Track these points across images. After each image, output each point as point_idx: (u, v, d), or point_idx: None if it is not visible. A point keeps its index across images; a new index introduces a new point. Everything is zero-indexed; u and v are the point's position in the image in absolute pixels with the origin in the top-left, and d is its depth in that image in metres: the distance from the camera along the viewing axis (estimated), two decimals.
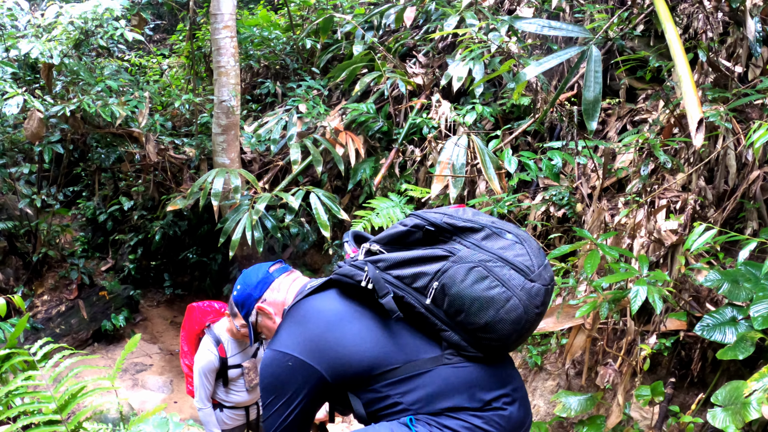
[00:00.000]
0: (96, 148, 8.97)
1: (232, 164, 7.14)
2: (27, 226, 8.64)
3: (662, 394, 4.04)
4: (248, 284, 2.61)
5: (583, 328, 4.38)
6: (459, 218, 2.24)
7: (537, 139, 6.80)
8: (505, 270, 2.11)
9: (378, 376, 2.19)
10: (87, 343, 8.35)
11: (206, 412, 4.34)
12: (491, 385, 2.20)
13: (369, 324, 2.24)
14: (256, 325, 2.62)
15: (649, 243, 4.81)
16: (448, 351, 2.19)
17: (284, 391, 2.25)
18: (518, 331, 2.12)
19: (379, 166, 7.14)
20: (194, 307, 4.47)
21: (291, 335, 2.30)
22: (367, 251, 2.32)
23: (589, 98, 3.53)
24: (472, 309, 2.10)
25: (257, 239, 6.26)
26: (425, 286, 2.17)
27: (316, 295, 2.38)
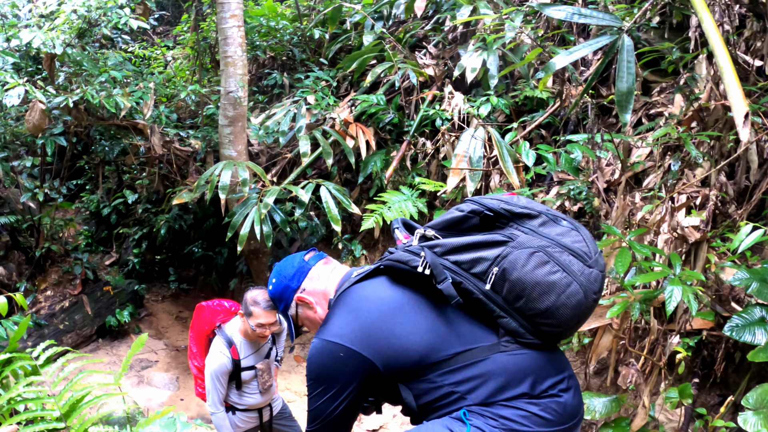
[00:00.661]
0: (100, 140, 8.81)
1: (239, 156, 6.97)
2: (30, 220, 8.49)
3: (690, 397, 3.89)
4: (284, 276, 2.52)
5: (609, 328, 4.23)
6: (516, 204, 2.22)
7: (551, 132, 6.67)
8: (565, 255, 2.10)
9: (432, 366, 2.15)
10: (91, 339, 8.21)
11: (219, 416, 4.18)
12: (548, 372, 2.16)
13: (423, 312, 2.20)
14: (297, 318, 2.53)
15: (673, 239, 4.66)
16: (505, 338, 2.17)
17: (333, 383, 2.20)
18: (577, 316, 2.12)
19: (390, 158, 6.98)
20: (204, 306, 4.31)
21: (342, 324, 2.23)
22: (422, 236, 2.28)
23: (623, 89, 3.39)
24: (533, 294, 2.08)
25: (266, 234, 6.10)
26: (484, 272, 2.14)
27: (367, 282, 2.32)
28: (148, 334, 4.96)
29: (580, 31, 6.90)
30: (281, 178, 7.58)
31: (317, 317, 2.47)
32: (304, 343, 7.44)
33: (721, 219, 4.86)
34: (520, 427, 2.11)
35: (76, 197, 10.25)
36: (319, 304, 2.47)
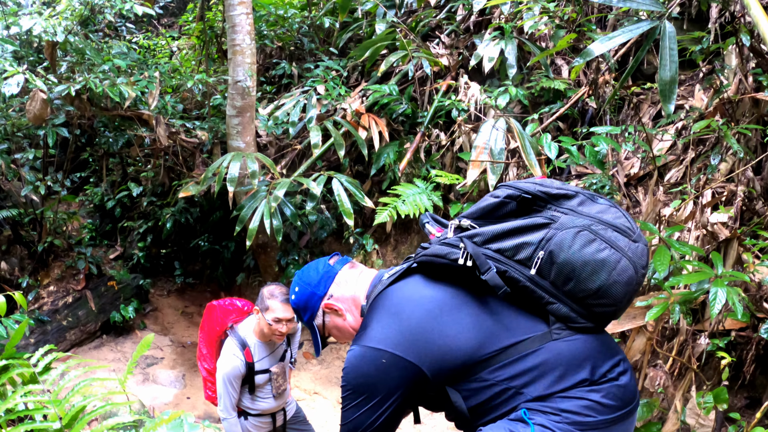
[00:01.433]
0: (103, 131, 8.63)
1: (247, 148, 6.77)
2: (32, 214, 8.34)
3: (726, 402, 3.70)
4: (308, 283, 2.37)
5: (643, 330, 4.03)
6: (551, 186, 2.15)
7: (569, 124, 6.49)
8: (609, 232, 2.04)
9: (482, 363, 2.04)
10: (95, 336, 8.05)
11: (231, 422, 3.98)
12: (604, 356, 2.08)
13: (467, 307, 2.10)
14: (323, 328, 2.37)
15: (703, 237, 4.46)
16: (556, 325, 2.08)
17: (376, 392, 2.06)
18: (629, 293, 2.05)
19: (404, 150, 6.79)
20: (215, 306, 4.10)
21: (384, 329, 2.10)
22: (457, 227, 2.19)
23: (666, 78, 3.18)
24: (583, 275, 2.01)
25: (276, 227, 5.90)
26: (529, 257, 2.06)
27: (402, 283, 2.19)
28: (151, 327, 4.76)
29: (597, 21, 6.73)
30: (291, 170, 7.39)
31: (347, 325, 2.34)
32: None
33: (748, 216, 4.68)
34: (584, 419, 1.99)
35: (79, 190, 10.12)
36: (348, 311, 2.33)
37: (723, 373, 3.85)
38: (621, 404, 2.05)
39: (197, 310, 8.57)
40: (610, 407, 2.02)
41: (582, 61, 3.27)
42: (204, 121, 8.13)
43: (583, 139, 5.75)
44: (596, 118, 6.25)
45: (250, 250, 7.44)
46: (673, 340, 4.39)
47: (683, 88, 6.01)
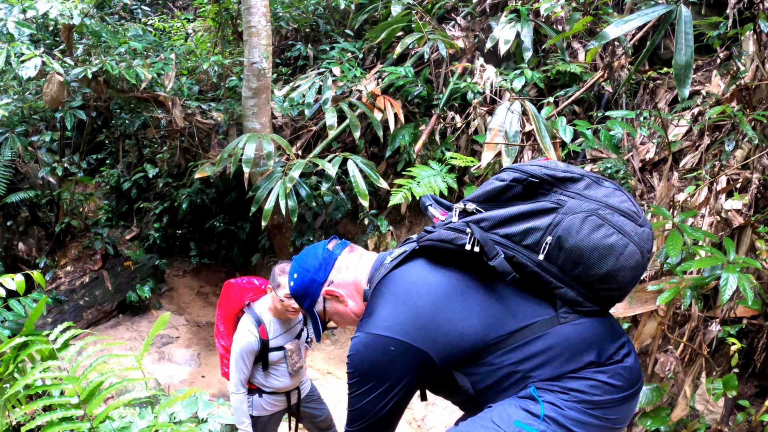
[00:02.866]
0: (120, 113, 8.67)
1: (263, 129, 6.79)
2: (49, 195, 8.40)
3: (735, 389, 3.68)
4: (307, 269, 2.33)
5: (654, 315, 4.02)
6: (557, 169, 2.12)
7: (584, 108, 6.46)
8: (616, 216, 2.02)
9: (491, 347, 2.04)
10: (112, 315, 8.13)
11: (239, 398, 4.01)
12: (610, 338, 2.09)
13: (474, 293, 2.08)
14: (324, 314, 2.34)
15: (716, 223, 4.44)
16: (563, 310, 2.07)
17: (383, 380, 2.05)
18: (636, 277, 2.04)
19: (419, 132, 6.78)
20: (232, 284, 4.13)
21: (391, 315, 2.07)
22: (462, 211, 2.16)
23: (681, 62, 3.17)
24: (591, 260, 2.00)
25: (291, 208, 5.92)
26: (537, 242, 2.04)
27: (407, 267, 2.16)
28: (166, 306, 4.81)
29: (614, 4, 6.69)
30: (306, 151, 7.40)
31: (349, 311, 2.32)
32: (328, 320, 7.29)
33: (762, 203, 4.65)
34: (592, 398, 2.02)
35: (96, 172, 10.18)
36: (350, 296, 2.30)
37: (732, 359, 3.84)
38: (627, 384, 2.07)
39: (212, 290, 8.64)
40: (617, 387, 2.05)
41: (597, 44, 3.26)
42: (220, 103, 8.16)
43: (599, 123, 5.74)
44: (612, 103, 6.22)
45: (265, 231, 7.48)
46: (684, 326, 4.38)
47: (700, 74, 5.97)
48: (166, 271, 8.86)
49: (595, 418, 2.04)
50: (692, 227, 3.86)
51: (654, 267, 4.62)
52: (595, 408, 2.03)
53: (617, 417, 2.10)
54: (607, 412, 2.06)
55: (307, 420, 4.47)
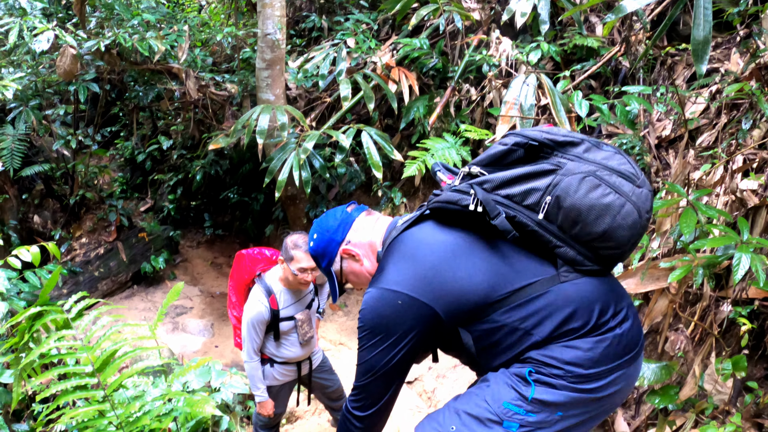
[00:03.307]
0: (133, 86, 8.67)
1: (277, 101, 6.76)
2: (64, 168, 8.42)
3: (744, 369, 3.65)
4: (327, 229, 2.41)
5: (666, 292, 3.99)
6: (557, 134, 2.17)
7: (601, 83, 6.38)
8: (614, 177, 2.07)
9: (494, 305, 2.10)
10: (126, 286, 8.20)
11: (253, 366, 4.05)
12: (609, 300, 2.14)
13: (479, 251, 2.15)
14: (341, 274, 2.42)
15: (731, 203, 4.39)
16: (564, 268, 2.13)
17: (391, 333, 2.12)
18: (634, 236, 2.09)
19: (434, 104, 6.73)
20: (243, 254, 4.14)
21: (400, 272, 2.14)
22: (467, 175, 2.23)
23: (699, 37, 3.12)
24: (588, 218, 2.05)
25: (305, 179, 5.91)
26: (537, 202, 2.10)
27: (416, 228, 2.23)
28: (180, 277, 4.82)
29: None
30: (320, 123, 7.38)
31: (364, 270, 2.39)
32: None
33: None
34: (587, 371, 2.07)
35: (110, 144, 10.21)
36: (366, 256, 2.38)
37: (743, 340, 3.80)
38: (623, 352, 2.12)
39: (226, 261, 8.68)
40: (612, 356, 2.10)
41: (615, 17, 3.20)
42: (233, 75, 8.14)
43: (615, 98, 5.67)
44: (629, 78, 6.14)
45: (279, 202, 7.48)
46: (695, 306, 4.34)
47: (719, 51, 5.87)
48: (180, 243, 8.90)
49: (588, 392, 2.10)
50: (707, 205, 3.82)
51: (667, 244, 4.58)
52: (587, 381, 2.09)
53: (612, 389, 2.15)
54: (601, 383, 2.11)
55: (318, 390, 4.49)
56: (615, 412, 4.56)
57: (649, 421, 4.36)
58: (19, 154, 7.54)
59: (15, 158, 7.50)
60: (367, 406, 2.24)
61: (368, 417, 2.26)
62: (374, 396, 2.23)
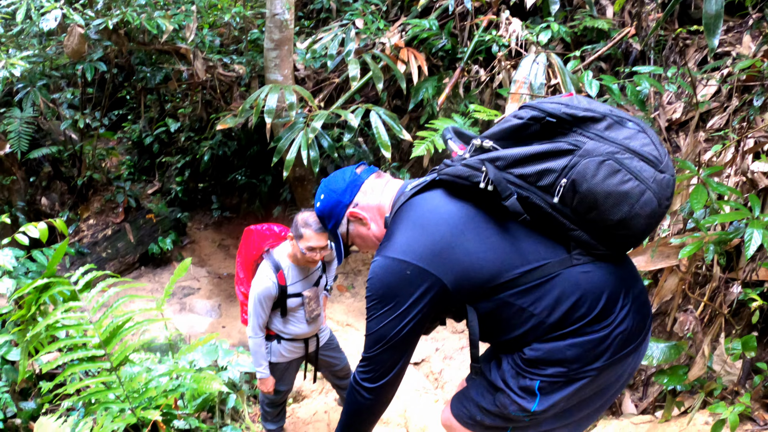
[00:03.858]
0: (141, 68, 8.64)
1: (285, 81, 6.73)
2: (71, 149, 8.42)
3: (754, 349, 3.62)
4: (335, 190, 2.35)
5: (676, 270, 3.96)
6: (577, 107, 2.01)
7: (611, 65, 6.33)
8: (635, 161, 1.93)
9: (503, 285, 2.05)
10: (134, 267, 8.20)
11: (257, 342, 4.02)
12: (619, 289, 2.09)
13: (490, 229, 2.07)
14: (347, 237, 2.38)
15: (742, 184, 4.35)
16: (577, 251, 2.06)
17: (400, 303, 2.07)
18: (651, 225, 2.00)
19: (443, 85, 6.69)
20: (252, 230, 4.12)
21: (408, 240, 2.08)
22: (478, 148, 2.10)
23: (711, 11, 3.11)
24: (605, 206, 1.94)
25: (313, 159, 5.88)
26: (552, 184, 1.98)
27: (427, 195, 2.15)
28: (191, 260, 4.82)
29: None
30: (328, 104, 7.34)
31: (371, 234, 2.35)
32: (347, 273, 7.33)
33: None
34: (588, 367, 2.09)
35: (117, 128, 10.20)
36: (373, 220, 2.33)
37: (753, 316, 3.77)
38: (619, 349, 2.11)
39: (234, 242, 8.67)
40: (612, 351, 2.09)
41: None
42: (241, 56, 8.10)
43: (626, 78, 5.63)
44: (639, 61, 6.08)
45: (286, 183, 7.45)
46: (705, 287, 4.31)
47: (731, 35, 5.80)
48: (187, 224, 8.90)
49: (587, 387, 2.14)
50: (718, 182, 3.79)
51: (677, 223, 4.55)
52: (585, 376, 2.10)
53: (608, 380, 2.18)
54: (599, 376, 2.13)
55: (324, 368, 4.48)
56: (622, 394, 4.55)
57: (657, 403, 4.34)
58: (27, 137, 7.55)
59: (22, 141, 7.52)
60: (376, 377, 2.21)
61: (378, 388, 2.23)
62: (384, 367, 2.19)
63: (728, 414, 3.33)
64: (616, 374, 2.20)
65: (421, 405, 5.07)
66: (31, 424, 4.01)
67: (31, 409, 4.15)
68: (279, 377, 4.23)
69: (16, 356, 4.15)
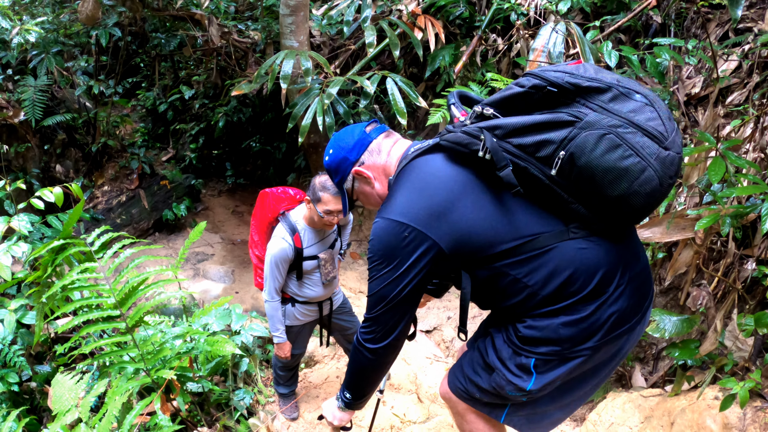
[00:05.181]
0: (155, 34, 8.60)
1: (300, 47, 6.67)
2: (86, 116, 8.42)
3: (767, 326, 3.59)
4: (343, 147, 2.36)
5: (692, 243, 3.92)
6: (582, 77, 1.94)
7: (631, 36, 6.24)
8: (638, 137, 1.87)
9: (499, 254, 2.06)
10: (148, 233, 8.24)
11: (273, 305, 4.01)
12: (616, 267, 2.08)
13: (488, 197, 2.06)
14: (352, 192, 2.41)
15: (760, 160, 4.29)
16: (574, 225, 2.05)
17: (400, 263, 2.09)
18: (652, 204, 1.94)
19: (460, 53, 6.61)
20: (267, 193, 4.09)
21: (408, 203, 2.09)
22: (479, 115, 2.07)
23: None
24: (603, 181, 1.89)
25: (328, 125, 5.83)
26: (550, 156, 1.95)
27: (429, 158, 2.15)
28: (205, 223, 4.82)
29: None
30: (344, 70, 7.29)
31: (374, 193, 2.37)
32: (361, 240, 7.32)
33: None
34: (582, 345, 2.12)
35: (131, 95, 10.19)
36: (377, 179, 2.34)
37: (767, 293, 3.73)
38: (612, 328, 2.12)
39: (248, 209, 8.70)
40: (605, 330, 2.11)
41: None
42: (257, 22, 8.04)
43: (646, 50, 5.55)
44: (660, 34, 5.99)
45: (301, 151, 7.43)
46: (719, 263, 4.27)
47: (753, 11, 5.69)
48: (201, 191, 8.92)
49: (582, 367, 2.18)
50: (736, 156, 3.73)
51: (694, 195, 4.50)
52: (579, 354, 2.14)
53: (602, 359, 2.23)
54: (593, 356, 2.16)
55: (337, 332, 4.48)
56: (632, 367, 4.54)
57: (667, 377, 4.33)
58: (41, 105, 7.56)
59: (37, 108, 7.53)
60: (378, 338, 2.24)
61: (380, 349, 2.26)
62: (386, 327, 2.22)
63: (738, 389, 3.30)
64: (609, 353, 2.22)
65: (431, 372, 5.09)
66: (46, 387, 4.04)
67: (46, 372, 4.18)
68: (293, 340, 4.24)
69: (32, 320, 4.17)
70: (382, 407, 4.55)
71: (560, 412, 2.46)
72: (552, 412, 2.44)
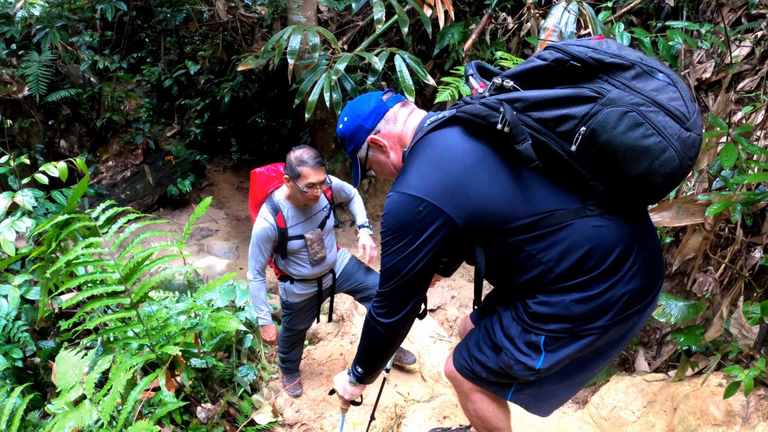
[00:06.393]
0: (161, 8, 8.52)
1: (308, 23, 6.60)
2: (90, 92, 8.37)
3: None
4: (359, 114, 2.31)
5: (700, 228, 3.88)
6: (605, 53, 1.90)
7: (643, 18, 6.16)
8: (660, 116, 1.83)
9: (514, 230, 2.04)
10: (152, 209, 8.22)
11: (256, 285, 3.95)
12: (631, 246, 2.06)
13: (505, 171, 2.03)
14: (366, 161, 2.36)
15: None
16: (591, 202, 2.02)
17: (414, 238, 2.07)
18: (671, 184, 1.91)
19: (469, 31, 6.54)
20: (257, 173, 4.01)
21: (423, 176, 2.06)
22: (498, 87, 2.03)
23: None
24: (624, 159, 1.86)
25: (335, 101, 5.78)
26: (571, 131, 1.91)
27: (446, 131, 2.11)
28: (210, 199, 4.78)
29: None
30: (351, 46, 7.21)
31: (389, 162, 2.34)
32: (370, 217, 7.27)
33: None
34: (594, 324, 2.10)
35: (136, 71, 10.12)
36: (393, 148, 2.31)
37: None
38: (624, 308, 2.10)
39: None
40: (617, 309, 2.09)
41: None
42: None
43: (658, 32, 5.49)
44: (672, 17, 5.92)
45: (307, 127, 7.38)
46: (726, 249, 4.24)
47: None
48: (206, 167, 8.89)
49: (591, 346, 2.19)
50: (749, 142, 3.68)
51: (703, 180, 4.46)
52: (594, 338, 2.14)
53: (611, 339, 2.23)
54: (603, 335, 2.16)
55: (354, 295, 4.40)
56: (636, 351, 4.53)
57: (671, 363, 4.32)
58: (45, 80, 7.54)
59: (41, 84, 7.51)
60: (390, 312, 2.23)
61: (392, 324, 2.25)
62: (399, 302, 2.21)
63: (743, 377, 3.29)
64: (618, 334, 2.21)
65: (435, 351, 5.09)
66: (50, 363, 4.03)
67: (50, 348, 4.17)
68: (297, 315, 4.22)
69: (36, 295, 4.16)
70: (386, 386, 4.54)
71: (566, 392, 2.46)
72: (558, 392, 2.44)
